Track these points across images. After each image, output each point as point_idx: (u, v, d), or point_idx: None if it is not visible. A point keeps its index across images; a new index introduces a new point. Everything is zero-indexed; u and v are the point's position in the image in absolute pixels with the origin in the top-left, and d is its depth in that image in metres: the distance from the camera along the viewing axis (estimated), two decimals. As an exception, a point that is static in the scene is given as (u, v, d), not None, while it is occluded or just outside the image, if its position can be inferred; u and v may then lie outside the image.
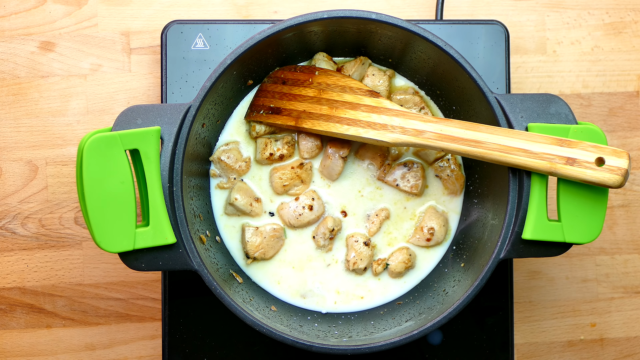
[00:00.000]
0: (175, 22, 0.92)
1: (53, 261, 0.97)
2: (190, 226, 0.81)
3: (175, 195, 0.80)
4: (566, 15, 1.02)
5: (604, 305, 1.02)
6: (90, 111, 0.98)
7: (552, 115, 0.81)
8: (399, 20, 0.82)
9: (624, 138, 1.02)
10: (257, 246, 0.90)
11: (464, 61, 0.82)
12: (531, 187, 0.80)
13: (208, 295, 0.84)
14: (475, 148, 0.80)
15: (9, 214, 0.97)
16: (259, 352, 0.94)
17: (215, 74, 0.81)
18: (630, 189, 1.03)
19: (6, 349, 0.97)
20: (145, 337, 0.99)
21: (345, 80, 0.87)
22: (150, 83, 0.98)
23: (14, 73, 0.97)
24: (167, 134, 0.80)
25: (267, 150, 0.90)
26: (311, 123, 0.88)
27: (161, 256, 0.80)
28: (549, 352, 1.02)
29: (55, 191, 0.97)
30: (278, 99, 0.89)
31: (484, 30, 0.93)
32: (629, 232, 1.02)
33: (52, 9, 0.98)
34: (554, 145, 0.78)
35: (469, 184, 0.93)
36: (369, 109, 0.86)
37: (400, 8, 1.00)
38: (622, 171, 0.76)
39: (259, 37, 0.82)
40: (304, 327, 0.87)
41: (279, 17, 0.99)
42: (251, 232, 0.90)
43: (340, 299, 0.92)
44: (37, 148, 0.97)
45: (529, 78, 1.01)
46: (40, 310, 0.98)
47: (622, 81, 1.02)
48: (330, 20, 0.83)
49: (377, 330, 0.87)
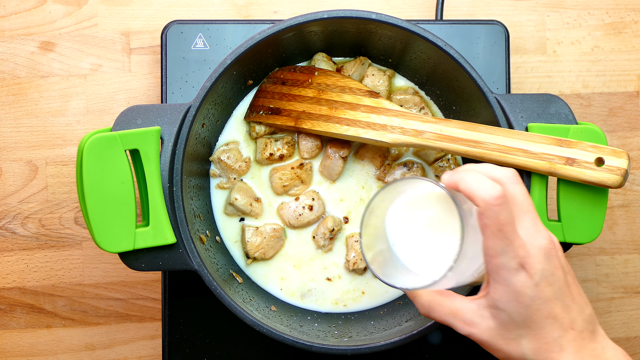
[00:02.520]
0: (175, 22, 0.92)
1: (53, 261, 0.98)
2: (190, 226, 0.81)
3: (175, 195, 0.80)
4: (566, 15, 1.02)
5: (604, 305, 1.02)
6: (90, 111, 0.98)
7: (552, 115, 0.81)
8: (399, 20, 0.82)
9: (624, 138, 1.02)
10: (257, 246, 0.90)
11: (464, 61, 0.82)
12: (531, 187, 0.80)
13: (208, 295, 0.84)
14: (474, 148, 0.80)
15: (9, 214, 0.97)
16: (259, 352, 0.94)
17: (215, 74, 0.81)
18: (630, 189, 1.03)
19: (6, 349, 0.97)
20: (145, 337, 0.99)
21: (345, 81, 0.87)
22: (150, 83, 0.98)
23: (14, 73, 0.98)
24: (167, 134, 0.80)
25: (267, 150, 0.90)
26: (311, 123, 0.88)
27: (161, 256, 0.80)
28: (549, 352, 1.02)
29: (55, 191, 0.98)
30: (278, 100, 0.89)
31: (484, 30, 0.93)
32: (629, 232, 1.02)
33: (52, 9, 0.98)
34: (554, 145, 0.78)
35: (469, 184, 0.93)
36: (368, 110, 0.86)
37: (400, 8, 1.00)
38: (621, 171, 0.76)
39: (259, 37, 0.82)
40: (304, 327, 0.87)
41: (279, 17, 0.99)
42: (251, 232, 0.90)
43: (340, 299, 0.92)
44: (37, 148, 0.97)
45: (529, 78, 1.01)
46: (40, 310, 0.98)
47: (622, 81, 1.02)
48: (330, 20, 0.83)
49: (377, 330, 0.87)
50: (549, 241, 0.68)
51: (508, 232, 0.66)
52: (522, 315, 0.68)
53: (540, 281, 0.67)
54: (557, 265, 0.68)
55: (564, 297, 0.68)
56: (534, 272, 0.67)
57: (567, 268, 0.70)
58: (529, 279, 0.67)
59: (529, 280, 0.67)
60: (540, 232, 0.68)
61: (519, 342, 0.69)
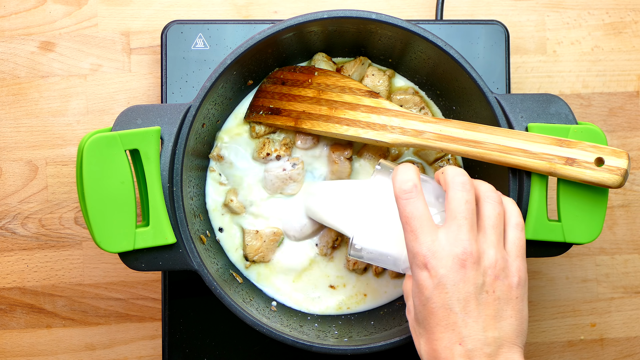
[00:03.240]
0: (175, 22, 0.92)
1: (53, 261, 0.98)
2: (190, 226, 0.81)
3: (175, 195, 0.80)
4: (566, 15, 1.02)
5: (604, 305, 1.02)
6: (90, 111, 0.98)
7: (552, 115, 0.81)
8: (399, 20, 0.82)
9: (624, 138, 1.02)
10: (256, 249, 0.90)
11: (464, 61, 0.82)
12: (531, 187, 0.80)
13: (208, 295, 0.84)
14: (474, 148, 0.80)
15: (9, 214, 0.97)
16: (259, 352, 0.94)
17: (215, 74, 0.81)
18: (630, 189, 1.03)
19: (6, 349, 0.97)
20: (145, 337, 0.99)
21: (345, 81, 0.87)
22: (150, 83, 0.98)
23: (14, 73, 0.98)
24: (167, 134, 0.80)
25: (265, 150, 0.90)
26: (311, 123, 0.88)
27: (161, 256, 0.80)
28: (549, 352, 1.02)
29: (55, 191, 0.98)
30: (277, 100, 0.89)
31: (484, 30, 0.93)
32: (629, 232, 1.02)
33: (52, 9, 0.98)
34: (553, 145, 0.78)
35: (469, 184, 0.93)
36: (368, 110, 0.86)
37: (400, 8, 1.00)
38: (621, 171, 0.76)
39: (259, 37, 0.82)
40: (304, 327, 0.87)
41: (279, 17, 0.99)
42: (251, 235, 0.90)
43: (340, 299, 0.92)
44: (37, 148, 0.97)
45: (529, 78, 1.01)
46: (40, 310, 0.98)
47: (622, 81, 1.02)
48: (330, 20, 0.83)
49: (377, 330, 0.87)
50: (464, 252, 0.68)
51: (414, 227, 0.69)
52: (421, 313, 0.70)
53: (438, 285, 0.68)
54: (468, 279, 0.68)
55: (464, 311, 0.68)
56: (434, 274, 0.68)
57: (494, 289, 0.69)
58: (430, 280, 0.68)
59: (429, 281, 0.68)
60: (461, 242, 0.68)
61: (419, 341, 0.71)
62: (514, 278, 0.70)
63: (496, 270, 0.69)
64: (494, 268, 0.69)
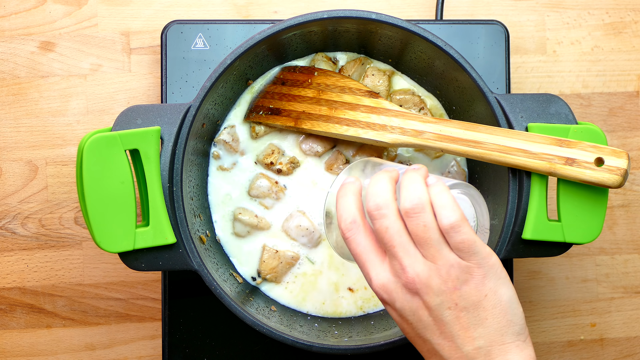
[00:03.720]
0: (175, 22, 0.92)
1: (53, 261, 0.98)
2: (190, 226, 0.81)
3: (175, 195, 0.80)
4: (566, 15, 1.02)
5: (604, 305, 1.02)
6: (90, 111, 0.98)
7: (552, 115, 0.81)
8: (399, 20, 0.82)
9: (624, 138, 1.02)
10: (271, 269, 0.89)
11: (463, 61, 0.82)
12: (531, 187, 0.80)
13: (208, 295, 0.84)
14: (474, 148, 0.80)
15: (9, 214, 0.97)
16: (259, 352, 0.94)
17: (215, 74, 0.81)
18: (630, 189, 1.03)
19: (6, 349, 0.97)
20: (145, 337, 0.99)
21: (344, 81, 0.87)
22: (150, 83, 0.98)
23: (14, 73, 0.98)
24: (167, 134, 0.80)
25: (270, 158, 0.89)
26: (310, 124, 0.88)
27: (161, 256, 0.80)
28: (549, 352, 1.02)
29: (55, 191, 0.98)
30: (277, 100, 0.89)
31: (484, 30, 0.93)
32: (629, 232, 1.02)
33: (52, 9, 0.98)
34: (553, 145, 0.78)
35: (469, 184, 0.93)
36: (368, 110, 0.86)
37: (400, 8, 1.00)
38: (621, 171, 0.76)
39: (259, 37, 0.82)
40: (304, 327, 0.87)
41: (279, 17, 0.99)
42: (270, 253, 0.89)
43: (341, 300, 0.92)
44: (37, 148, 0.97)
45: (529, 78, 1.01)
46: (40, 310, 0.98)
47: (622, 81, 1.02)
48: (330, 20, 0.83)
49: (377, 330, 0.87)
50: (407, 281, 0.65)
51: (362, 263, 0.67)
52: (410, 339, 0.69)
53: (401, 317, 0.67)
54: (426, 303, 0.65)
55: (435, 335, 0.66)
56: (393, 308, 0.67)
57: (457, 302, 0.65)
58: (394, 312, 0.67)
59: (394, 313, 0.67)
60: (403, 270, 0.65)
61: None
62: (476, 276, 0.65)
63: (451, 281, 0.64)
64: (446, 282, 0.64)
